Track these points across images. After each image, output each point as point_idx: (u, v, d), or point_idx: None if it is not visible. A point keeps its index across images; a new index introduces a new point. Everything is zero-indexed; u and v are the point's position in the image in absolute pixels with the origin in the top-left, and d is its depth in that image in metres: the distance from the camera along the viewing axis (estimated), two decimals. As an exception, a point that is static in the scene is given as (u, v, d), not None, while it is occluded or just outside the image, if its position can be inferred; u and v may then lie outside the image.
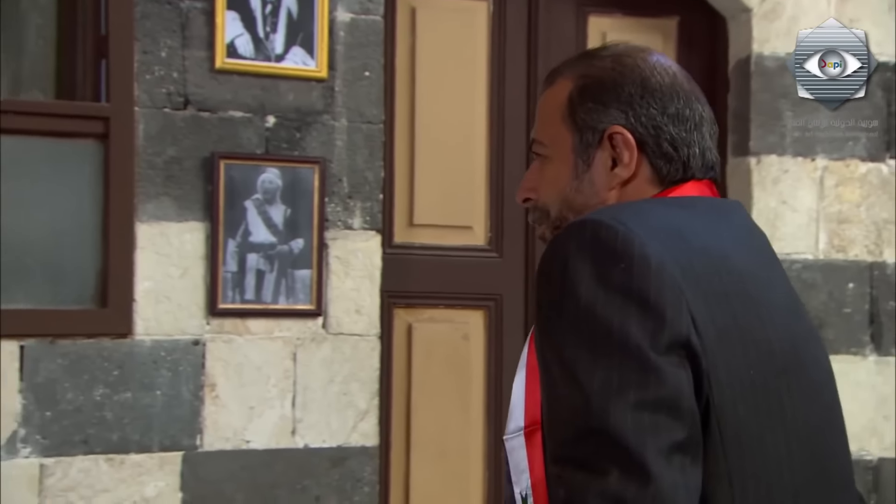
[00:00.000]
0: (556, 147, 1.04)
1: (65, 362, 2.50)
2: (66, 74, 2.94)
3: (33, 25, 3.14)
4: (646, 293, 0.88)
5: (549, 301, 0.92)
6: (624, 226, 0.91)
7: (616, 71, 1.02)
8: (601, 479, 0.84)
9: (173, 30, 2.61)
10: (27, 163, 2.51)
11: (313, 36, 2.68)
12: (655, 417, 0.85)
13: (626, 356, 0.87)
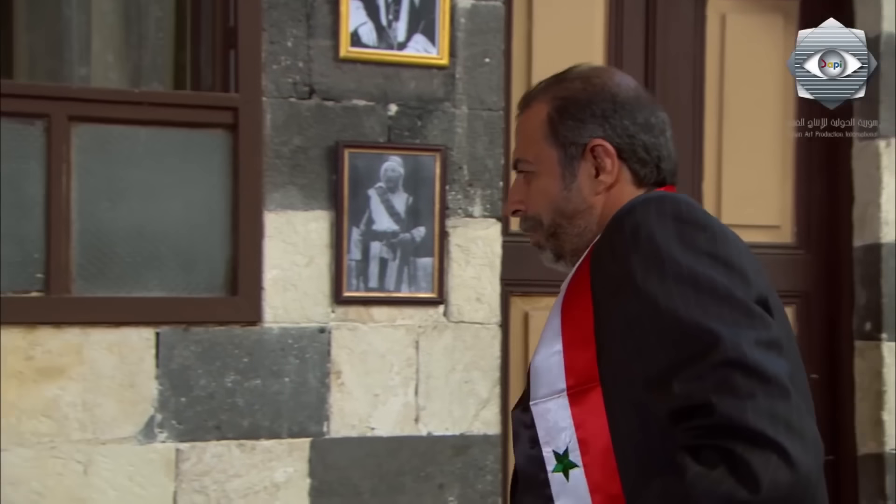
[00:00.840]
0: (543, 163, 1.17)
1: (198, 349, 2.54)
2: (191, 66, 2.98)
3: (153, 19, 3.20)
4: (729, 257, 1.02)
5: (644, 264, 1.02)
6: (686, 202, 1.06)
7: (587, 90, 1.16)
8: (752, 399, 0.93)
9: (299, 19, 2.63)
10: (161, 153, 2.56)
11: (435, 23, 2.68)
12: (770, 353, 0.97)
13: (735, 306, 0.99)
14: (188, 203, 2.58)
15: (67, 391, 2.43)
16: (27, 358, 2.41)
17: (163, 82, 3.20)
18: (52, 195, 2.45)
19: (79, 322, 2.45)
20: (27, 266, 2.45)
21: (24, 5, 3.14)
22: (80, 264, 2.49)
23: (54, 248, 2.45)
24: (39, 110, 2.44)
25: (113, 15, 3.17)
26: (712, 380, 0.95)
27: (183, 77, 3.23)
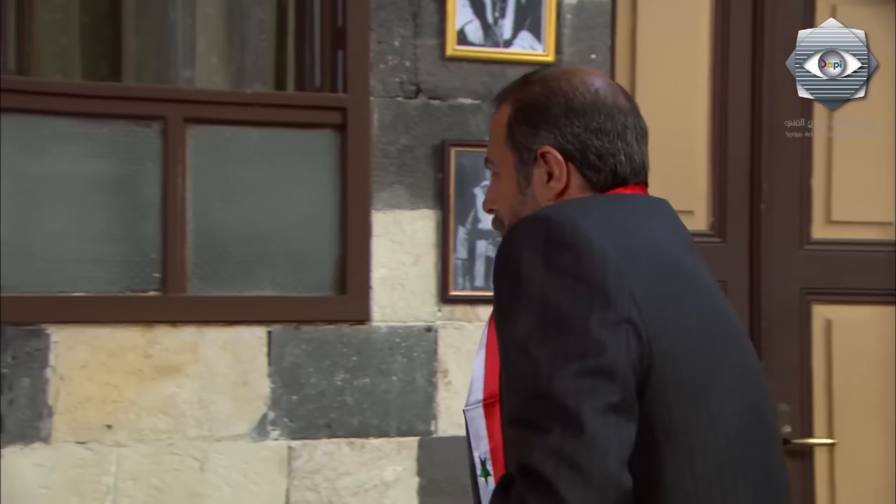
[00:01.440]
0: (503, 165, 1.20)
1: (308, 348, 2.55)
2: (295, 67, 3.00)
3: (255, 21, 3.23)
4: (592, 277, 1.02)
5: (507, 287, 1.06)
6: (571, 219, 1.06)
7: (543, 95, 1.17)
8: (545, 436, 0.97)
9: (406, 18, 2.62)
10: (272, 153, 2.58)
11: (541, 20, 2.65)
12: (594, 382, 0.98)
13: (572, 332, 1.00)
14: (298, 203, 2.60)
15: (184, 389, 2.47)
16: (146, 356, 2.45)
17: (264, 83, 3.23)
18: (168, 196, 2.49)
19: (194, 321, 2.49)
20: (145, 266, 2.50)
21: (131, 10, 3.20)
22: (195, 264, 2.53)
23: (170, 248, 2.48)
24: (156, 112, 2.48)
25: (217, 17, 3.21)
26: (523, 412, 1.00)
27: (283, 78, 3.25)
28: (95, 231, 2.46)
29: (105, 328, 2.42)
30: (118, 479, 2.41)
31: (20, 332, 2.36)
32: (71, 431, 2.38)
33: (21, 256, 2.40)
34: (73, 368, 2.39)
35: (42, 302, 2.39)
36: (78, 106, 2.43)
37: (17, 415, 2.35)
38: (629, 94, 1.21)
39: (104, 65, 3.22)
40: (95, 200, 2.46)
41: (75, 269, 2.44)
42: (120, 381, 2.43)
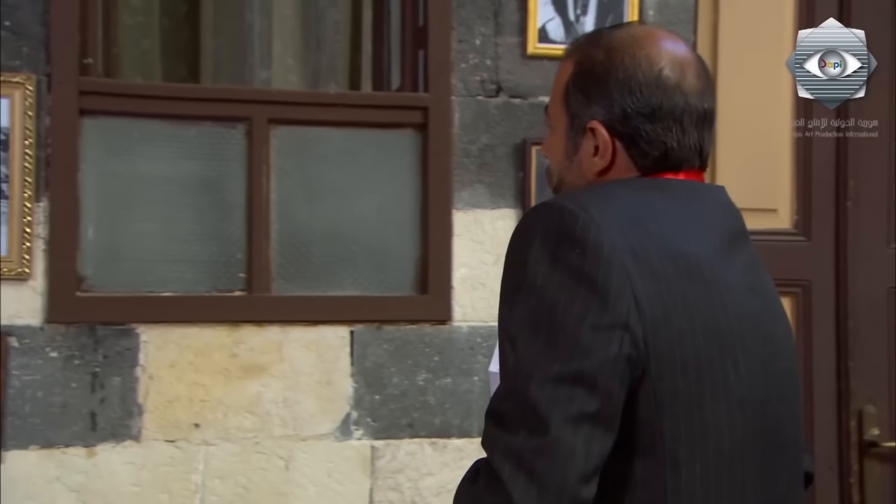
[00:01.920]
0: (557, 123, 1.17)
1: (390, 347, 2.55)
2: (373, 66, 3.01)
3: (331, 21, 3.25)
4: (594, 277, 0.99)
5: (512, 273, 1.04)
6: (586, 212, 1.02)
7: (603, 66, 1.11)
8: (510, 437, 0.96)
9: (487, 17, 2.60)
10: (354, 154, 2.58)
11: (623, 16, 2.62)
12: (572, 390, 0.95)
13: (562, 334, 0.97)
14: (380, 203, 2.60)
15: (269, 388, 2.48)
16: (231, 355, 2.47)
17: (339, 84, 3.25)
18: (252, 197, 2.50)
19: (279, 321, 2.50)
20: (230, 266, 2.52)
21: (209, 11, 3.23)
22: (279, 264, 2.54)
23: (256, 249, 2.50)
24: (241, 114, 2.50)
25: (293, 18, 3.23)
26: (498, 405, 1.00)
27: (358, 79, 3.26)
28: (182, 231, 2.48)
29: (192, 328, 2.45)
30: (206, 477, 2.43)
31: (111, 332, 2.39)
32: (160, 430, 2.41)
33: (110, 257, 2.44)
34: (162, 368, 2.42)
35: (132, 302, 2.42)
36: (165, 108, 2.46)
37: (109, 413, 2.38)
38: (703, 70, 1.14)
39: (183, 66, 3.26)
40: (182, 201, 2.48)
41: (163, 270, 2.47)
42: (207, 380, 2.45)
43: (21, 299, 2.33)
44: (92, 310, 2.38)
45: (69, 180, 2.35)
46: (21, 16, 2.33)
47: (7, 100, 2.30)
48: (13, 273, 2.31)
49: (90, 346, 2.38)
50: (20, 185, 2.31)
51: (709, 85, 1.13)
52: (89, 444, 2.37)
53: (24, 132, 2.31)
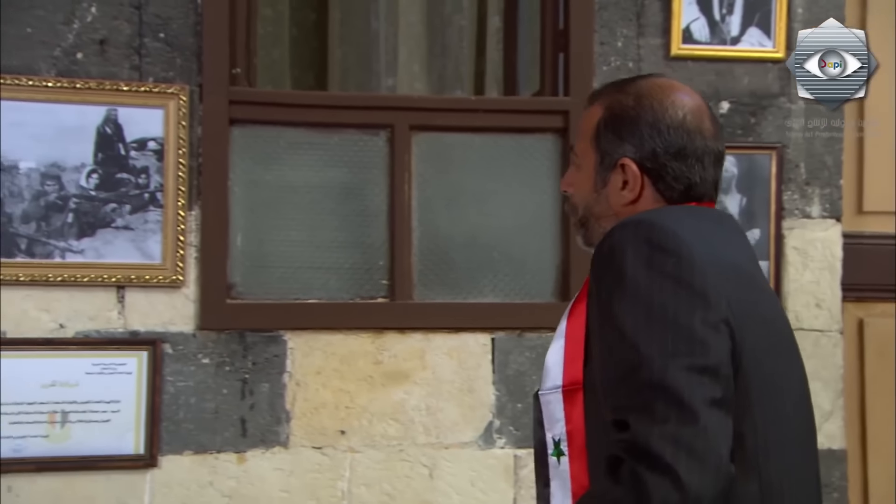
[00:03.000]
0: (585, 161, 1.28)
1: (531, 355, 2.53)
2: (504, 71, 3.00)
3: (456, 28, 3.25)
4: (693, 281, 1.10)
5: (611, 283, 1.12)
6: (671, 227, 1.13)
7: (634, 109, 1.24)
8: (661, 425, 1.04)
9: (629, 19, 2.57)
10: (494, 159, 2.58)
11: (771, 15, 2.55)
12: (701, 378, 1.06)
13: (679, 330, 1.08)
14: (519, 209, 2.59)
15: (412, 395, 2.49)
16: (375, 362, 2.48)
17: (464, 90, 3.25)
18: (395, 204, 2.51)
19: (421, 328, 2.50)
20: (373, 273, 2.53)
21: (336, 20, 3.27)
22: (421, 271, 2.54)
23: (398, 255, 2.51)
24: (384, 121, 2.51)
25: (419, 25, 3.25)
26: (635, 400, 1.07)
27: (482, 84, 3.26)
28: (326, 239, 2.51)
29: (337, 335, 2.47)
30: (352, 484, 2.45)
31: (260, 339, 2.43)
32: (307, 436, 2.43)
33: (258, 264, 2.48)
34: (309, 374, 2.44)
35: (279, 309, 2.45)
36: (309, 116, 2.49)
37: (259, 419, 2.41)
38: (714, 117, 1.27)
39: (310, 75, 3.30)
40: (326, 208, 2.51)
41: (308, 277, 2.50)
42: (352, 387, 2.46)
43: (175, 306, 2.38)
44: (241, 317, 2.42)
45: (219, 189, 2.40)
46: (175, 28, 2.38)
47: (162, 110, 2.36)
48: (167, 281, 2.36)
49: (240, 352, 2.41)
50: (174, 194, 2.36)
51: (720, 129, 1.27)
52: (240, 449, 2.40)
53: (177, 142, 2.36)
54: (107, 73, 2.34)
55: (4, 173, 2.28)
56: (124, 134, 2.34)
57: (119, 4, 2.35)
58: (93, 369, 2.31)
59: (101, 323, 2.34)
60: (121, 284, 2.35)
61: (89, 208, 2.33)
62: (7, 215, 2.28)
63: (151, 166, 2.36)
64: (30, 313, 2.30)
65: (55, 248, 2.31)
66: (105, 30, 2.34)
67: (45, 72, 2.30)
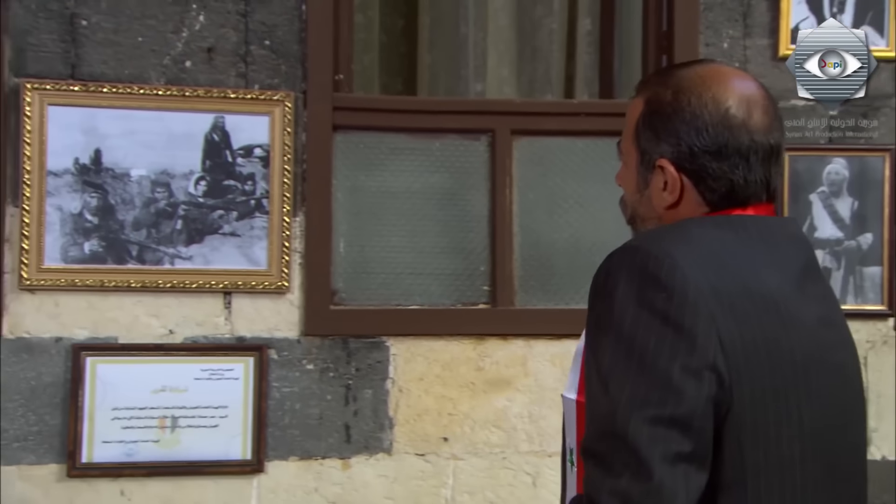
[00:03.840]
0: (628, 158, 1.22)
1: (636, 362, 2.50)
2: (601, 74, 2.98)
3: (546, 31, 3.24)
4: (681, 321, 1.03)
5: (598, 315, 1.08)
6: (669, 256, 1.06)
7: (671, 105, 1.15)
8: (614, 479, 1.01)
9: (735, 19, 2.54)
10: (594, 163, 2.56)
11: (884, 13, 2.51)
12: (668, 432, 1.00)
13: (654, 376, 1.02)
14: (618, 213, 2.56)
15: (515, 402, 2.48)
16: (477, 369, 2.48)
17: (554, 93, 3.23)
18: (496, 209, 2.51)
19: (523, 334, 2.49)
20: (474, 278, 2.53)
21: (425, 26, 3.28)
22: (522, 276, 2.54)
23: (499, 261, 2.51)
24: (485, 125, 2.52)
25: (508, 29, 3.24)
26: (596, 445, 1.04)
27: (571, 87, 3.24)
28: (428, 244, 2.52)
29: (439, 341, 2.47)
30: (455, 491, 2.45)
31: (363, 345, 2.44)
32: (411, 443, 2.44)
33: (360, 270, 2.49)
34: (411, 381, 2.45)
35: (381, 315, 2.47)
36: (411, 122, 2.50)
37: (362, 426, 2.43)
38: (770, 106, 1.17)
39: (399, 81, 3.32)
40: (427, 214, 2.52)
41: (410, 283, 2.51)
42: (454, 393, 2.46)
43: (280, 312, 2.41)
44: (345, 323, 2.44)
45: (323, 195, 2.42)
46: (280, 35, 2.42)
47: (268, 117, 2.39)
48: (273, 287, 2.39)
49: (343, 358, 2.43)
50: (279, 200, 2.39)
51: (776, 120, 1.17)
52: (344, 455, 2.42)
53: (283, 148, 2.39)
54: (214, 80, 2.38)
55: (116, 181, 2.33)
56: (231, 141, 2.38)
57: (226, 13, 2.39)
58: (201, 375, 2.34)
59: (209, 329, 2.37)
60: (227, 290, 2.38)
61: (197, 215, 2.37)
62: (119, 222, 2.33)
63: (257, 173, 2.39)
64: (140, 319, 2.35)
65: (165, 254, 2.35)
66: (212, 38, 2.38)
67: (154, 80, 2.35)
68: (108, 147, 2.32)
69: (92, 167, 2.32)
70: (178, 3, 2.36)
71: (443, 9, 3.26)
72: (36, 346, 2.29)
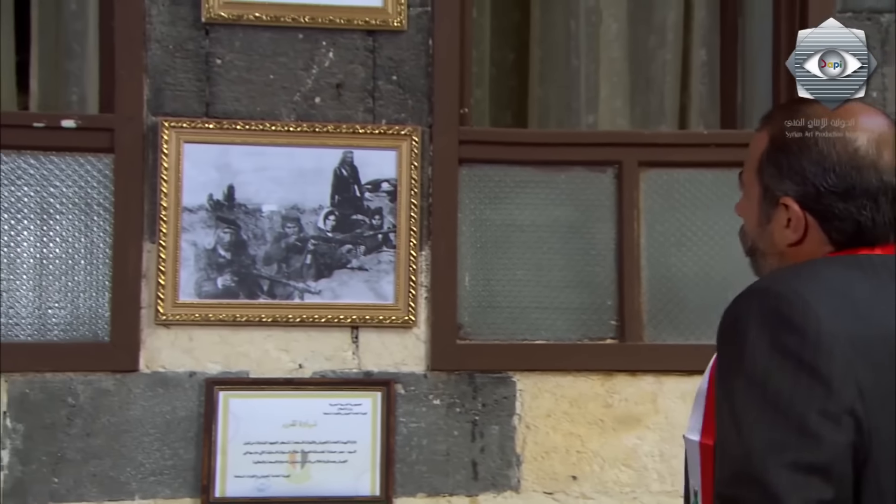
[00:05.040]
0: (750, 191, 1.21)
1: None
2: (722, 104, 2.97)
3: (660, 62, 3.24)
4: (817, 364, 1.01)
5: (729, 359, 1.07)
6: (801, 298, 1.04)
7: (797, 143, 1.14)
8: None
9: (873, 46, 2.48)
10: (725, 195, 2.53)
11: None
12: (808, 478, 0.98)
13: (790, 421, 1.00)
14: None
15: (645, 441, 2.45)
16: (606, 406, 2.46)
17: (668, 124, 3.22)
18: (623, 242, 2.51)
19: (653, 370, 2.47)
20: (601, 313, 2.52)
21: (536, 59, 3.31)
22: (650, 311, 2.52)
23: (627, 295, 2.49)
24: (612, 157, 2.52)
25: (621, 61, 3.25)
26: (731, 489, 1.02)
27: (685, 119, 3.23)
28: (553, 278, 2.52)
29: (566, 377, 2.46)
30: (585, 532, 2.42)
31: (489, 380, 2.45)
32: (539, 481, 2.43)
33: (486, 304, 2.51)
34: (539, 417, 2.44)
35: (507, 349, 2.47)
36: (537, 154, 2.52)
37: (489, 462, 2.42)
38: None
39: (509, 114, 3.35)
40: (553, 247, 2.53)
41: (535, 317, 2.51)
42: (582, 431, 2.45)
43: (406, 347, 2.43)
44: (471, 357, 2.45)
45: (449, 229, 2.45)
46: (407, 70, 2.46)
47: (395, 151, 2.43)
48: (399, 321, 2.42)
49: (470, 393, 2.44)
50: (406, 234, 2.42)
51: None
52: (472, 493, 2.42)
53: (409, 182, 2.43)
54: (342, 116, 2.43)
55: (249, 216, 2.39)
56: (359, 175, 2.43)
57: (354, 49, 2.45)
58: (330, 409, 2.37)
59: (337, 363, 2.41)
60: (355, 325, 2.41)
61: (326, 249, 2.41)
62: (251, 257, 2.39)
63: (385, 207, 2.43)
64: (271, 353, 2.39)
65: (294, 288, 2.40)
66: (341, 74, 2.44)
67: (285, 116, 2.42)
68: (240, 183, 2.39)
69: (225, 203, 2.39)
70: (308, 41, 2.43)
71: (553, 42, 3.29)
72: (171, 381, 2.35)
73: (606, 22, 3.13)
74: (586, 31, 3.15)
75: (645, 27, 3.17)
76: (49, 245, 2.37)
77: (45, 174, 2.38)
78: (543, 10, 3.19)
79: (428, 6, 2.45)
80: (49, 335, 2.35)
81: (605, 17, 3.12)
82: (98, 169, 2.38)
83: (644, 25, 3.17)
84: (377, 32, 2.44)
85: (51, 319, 2.36)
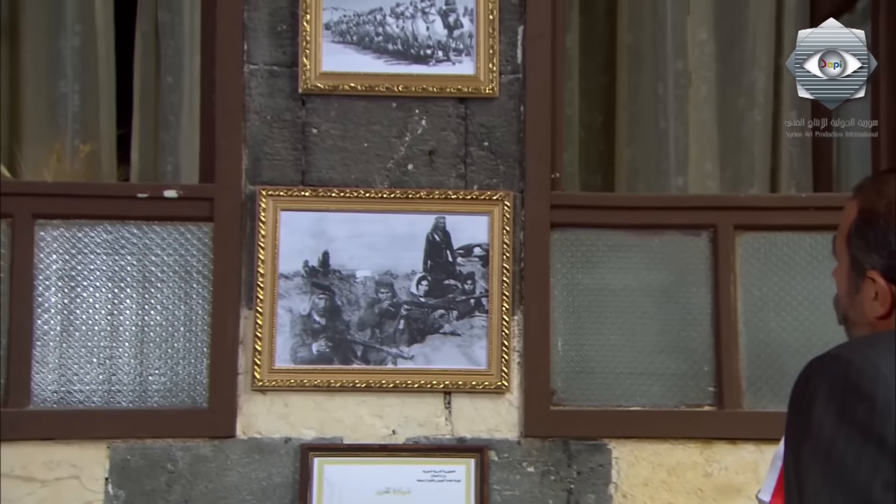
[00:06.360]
0: (841, 260, 1.24)
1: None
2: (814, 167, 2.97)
3: (750, 124, 3.25)
4: (883, 432, 1.01)
5: (797, 424, 1.09)
6: (873, 366, 1.05)
7: (884, 218, 1.16)
8: None
9: (974, 104, 2.49)
10: (824, 259, 2.52)
11: None
12: None
13: (853, 490, 1.01)
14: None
15: (747, 512, 2.41)
16: (705, 475, 2.44)
17: (758, 187, 3.22)
18: (719, 306, 2.51)
19: (753, 438, 2.44)
20: (698, 379, 2.52)
21: (624, 122, 3.36)
22: (749, 377, 2.51)
23: (725, 361, 2.49)
24: (707, 221, 2.54)
25: (711, 123, 3.27)
26: None
27: (776, 181, 3.23)
28: (648, 343, 2.53)
29: (664, 444, 2.45)
30: None
31: (584, 447, 2.45)
32: (637, 553, 2.41)
33: (579, 369, 2.52)
34: (636, 486, 2.43)
35: (602, 416, 2.48)
36: (629, 218, 2.55)
37: (585, 533, 2.41)
38: None
39: (598, 177, 3.39)
40: (646, 312, 2.54)
41: (630, 383, 2.52)
42: (681, 500, 2.43)
43: (499, 413, 2.45)
44: (565, 424, 2.46)
45: (542, 294, 2.48)
46: (498, 136, 2.53)
47: (487, 217, 2.49)
48: (492, 387, 2.45)
49: (564, 461, 2.44)
50: (498, 299, 2.47)
51: None
52: (568, 565, 2.41)
53: (501, 247, 2.48)
54: (435, 182, 2.51)
55: (343, 282, 2.47)
56: (452, 241, 2.49)
57: (447, 116, 2.53)
58: (423, 476, 2.40)
59: (430, 429, 2.44)
60: (448, 390, 2.45)
61: (419, 315, 2.47)
62: (345, 323, 2.46)
63: (477, 272, 2.48)
64: (364, 419, 2.44)
65: (388, 354, 2.46)
66: (434, 141, 2.53)
67: (379, 183, 2.50)
68: (335, 249, 2.47)
69: (320, 269, 2.47)
70: (401, 109, 2.52)
71: (642, 104, 3.33)
72: (267, 447, 2.42)
73: (695, 84, 3.17)
74: (675, 94, 3.20)
75: (735, 89, 3.20)
76: (150, 313, 2.48)
77: (146, 243, 2.50)
78: (631, 72, 3.25)
79: (520, 73, 2.53)
80: (150, 402, 2.45)
81: (694, 79, 3.16)
82: (198, 237, 2.49)
83: (734, 87, 3.20)
84: (469, 100, 2.52)
85: (151, 386, 2.46)
